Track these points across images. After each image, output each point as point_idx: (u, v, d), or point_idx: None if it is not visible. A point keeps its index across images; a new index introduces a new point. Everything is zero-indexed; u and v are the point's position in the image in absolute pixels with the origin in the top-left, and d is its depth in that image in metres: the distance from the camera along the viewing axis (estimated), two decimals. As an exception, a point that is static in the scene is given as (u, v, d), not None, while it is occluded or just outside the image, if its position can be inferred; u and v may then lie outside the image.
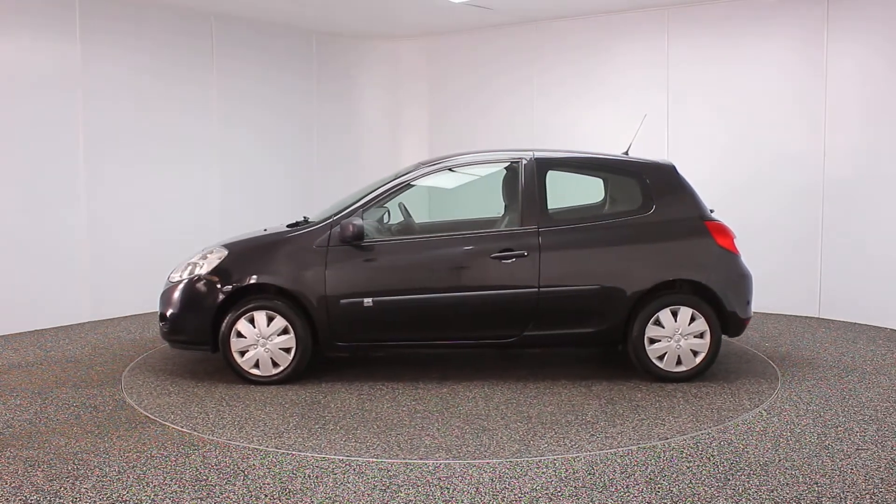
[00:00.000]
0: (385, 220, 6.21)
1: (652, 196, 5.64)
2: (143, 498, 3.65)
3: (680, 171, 5.79)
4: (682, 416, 4.79)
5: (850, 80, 7.47)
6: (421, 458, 4.14)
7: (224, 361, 5.63)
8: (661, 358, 5.51)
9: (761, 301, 7.73)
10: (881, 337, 6.92)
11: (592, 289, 5.49)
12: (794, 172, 7.81)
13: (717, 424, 4.63)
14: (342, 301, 5.49)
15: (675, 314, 5.48)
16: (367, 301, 5.48)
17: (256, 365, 5.55)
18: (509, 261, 5.47)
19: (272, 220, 7.33)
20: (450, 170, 5.98)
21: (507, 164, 5.88)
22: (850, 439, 4.38)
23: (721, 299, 5.50)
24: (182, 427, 4.65)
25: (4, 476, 3.91)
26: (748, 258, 5.82)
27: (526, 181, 5.64)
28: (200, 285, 5.60)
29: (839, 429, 4.56)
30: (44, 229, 7.40)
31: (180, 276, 5.74)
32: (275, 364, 5.55)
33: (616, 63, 8.75)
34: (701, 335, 5.49)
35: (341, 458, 4.15)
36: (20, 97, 7.20)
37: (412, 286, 5.54)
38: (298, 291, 5.50)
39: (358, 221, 5.48)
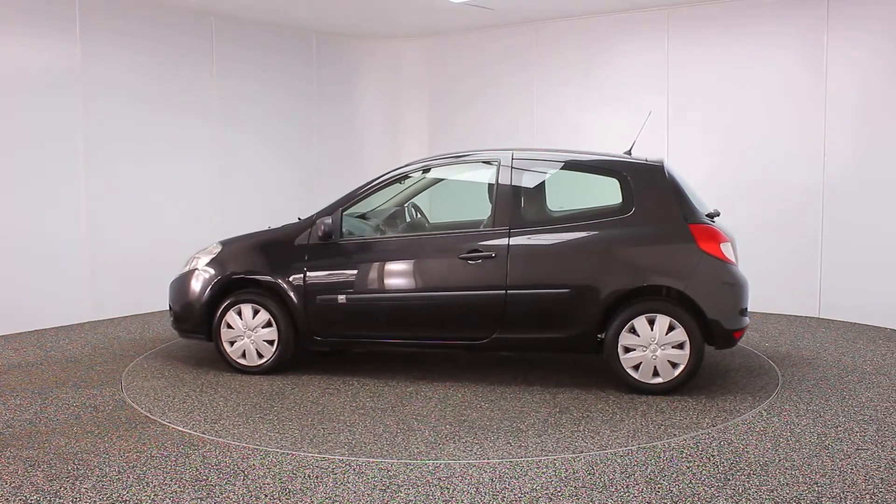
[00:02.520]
0: (406, 219, 6.26)
1: (633, 197, 5.33)
2: (143, 498, 3.65)
3: (671, 170, 5.47)
4: (620, 430, 4.53)
5: (850, 81, 7.47)
6: (414, 458, 4.14)
7: (216, 351, 5.94)
8: (636, 368, 5.21)
9: (761, 301, 7.74)
10: (881, 337, 6.92)
11: (561, 293, 5.27)
12: (794, 173, 7.82)
13: (651, 441, 4.37)
14: (318, 297, 5.65)
15: (651, 322, 5.16)
16: (341, 298, 5.61)
17: (243, 355, 5.84)
18: (476, 262, 5.39)
19: (272, 220, 7.32)
20: (426, 170, 5.98)
21: (485, 164, 5.81)
22: (850, 439, 4.38)
23: (701, 308, 5.13)
24: (182, 427, 4.66)
25: (4, 476, 3.91)
26: (749, 259, 5.77)
27: (500, 181, 5.54)
28: (196, 278, 5.95)
29: (839, 429, 4.56)
30: (44, 229, 7.40)
31: (186, 269, 6.10)
32: (260, 355, 5.81)
33: (616, 63, 8.75)
34: (680, 346, 5.14)
35: (341, 458, 4.16)
36: (20, 97, 7.20)
37: (383, 285, 5.62)
38: (280, 286, 5.70)
39: (328, 220, 5.63)
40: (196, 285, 5.92)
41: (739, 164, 8.09)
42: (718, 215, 5.68)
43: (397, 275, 5.61)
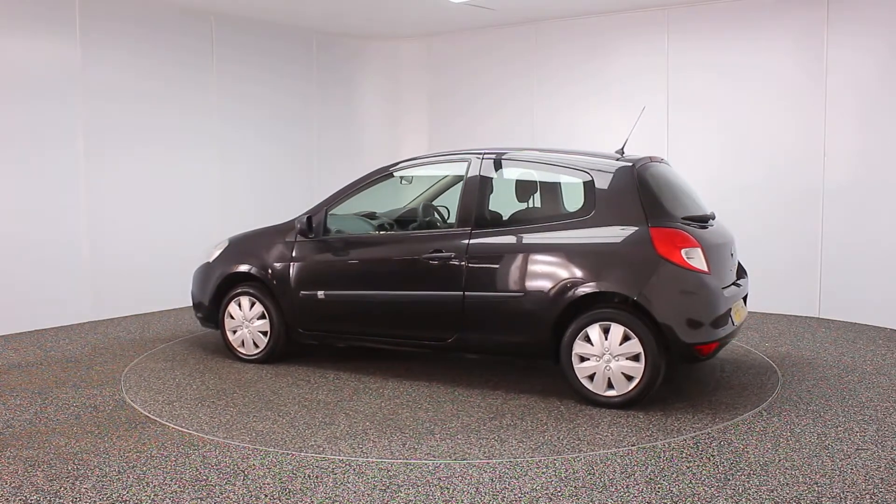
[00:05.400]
0: (417, 220, 6.28)
1: (595, 198, 5.08)
2: (143, 498, 3.65)
3: (645, 169, 5.18)
4: (527, 441, 4.35)
5: (850, 81, 7.46)
6: (420, 459, 4.14)
7: (222, 339, 6.37)
8: (590, 378, 4.95)
9: (761, 301, 7.74)
10: (881, 337, 6.92)
11: (516, 296, 5.13)
12: (794, 174, 7.81)
13: (553, 454, 4.25)
14: (302, 292, 5.88)
15: (606, 331, 4.88)
16: (321, 294, 5.81)
17: (242, 344, 6.20)
18: (434, 262, 5.36)
19: (271, 220, 7.33)
20: (401, 172, 6.00)
21: (456, 165, 5.82)
22: (850, 439, 4.38)
23: (654, 317, 4.77)
24: (182, 427, 4.66)
25: (4, 476, 3.91)
26: (749, 259, 5.73)
27: (467, 181, 5.49)
28: (208, 271, 6.37)
29: (839, 429, 4.56)
30: (44, 229, 7.40)
31: (203, 262, 6.52)
32: (255, 345, 6.15)
33: (616, 63, 8.75)
34: (636, 357, 4.83)
35: (341, 458, 4.16)
36: (20, 97, 7.20)
37: (356, 283, 5.75)
38: (270, 280, 5.98)
39: (304, 219, 5.84)
40: (206, 277, 6.35)
41: (739, 165, 8.09)
42: (713, 218, 5.56)
43: (368, 273, 5.72)
